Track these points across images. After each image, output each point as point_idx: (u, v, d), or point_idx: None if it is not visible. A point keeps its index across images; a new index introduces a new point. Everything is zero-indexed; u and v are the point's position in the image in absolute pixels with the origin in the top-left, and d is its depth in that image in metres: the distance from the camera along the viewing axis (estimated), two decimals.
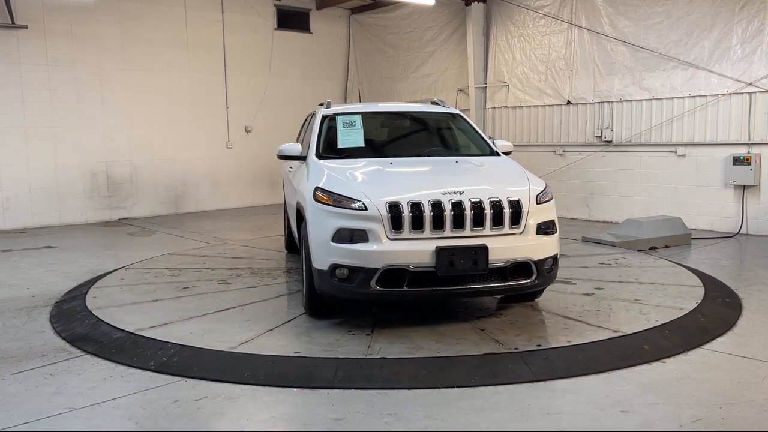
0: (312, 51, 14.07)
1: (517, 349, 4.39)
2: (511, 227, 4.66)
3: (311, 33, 14.02)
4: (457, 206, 4.56)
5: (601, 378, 3.97)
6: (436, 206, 4.54)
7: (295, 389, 3.86)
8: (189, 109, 12.35)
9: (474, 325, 4.95)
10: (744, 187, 8.87)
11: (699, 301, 5.42)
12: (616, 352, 4.34)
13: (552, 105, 11.12)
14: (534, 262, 4.69)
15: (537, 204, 4.81)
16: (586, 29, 10.43)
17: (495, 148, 6.01)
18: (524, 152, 10.95)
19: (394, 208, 4.51)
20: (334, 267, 4.58)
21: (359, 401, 3.67)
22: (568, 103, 10.84)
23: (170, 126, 12.15)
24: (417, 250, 4.47)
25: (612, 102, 10.26)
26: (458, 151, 6.16)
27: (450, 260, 4.45)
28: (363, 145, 5.81)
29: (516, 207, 4.68)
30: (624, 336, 4.58)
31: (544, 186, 5.05)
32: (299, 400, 3.73)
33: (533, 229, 4.75)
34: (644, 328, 4.75)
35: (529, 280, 4.74)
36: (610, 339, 4.54)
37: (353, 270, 4.53)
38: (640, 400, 3.63)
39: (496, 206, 4.63)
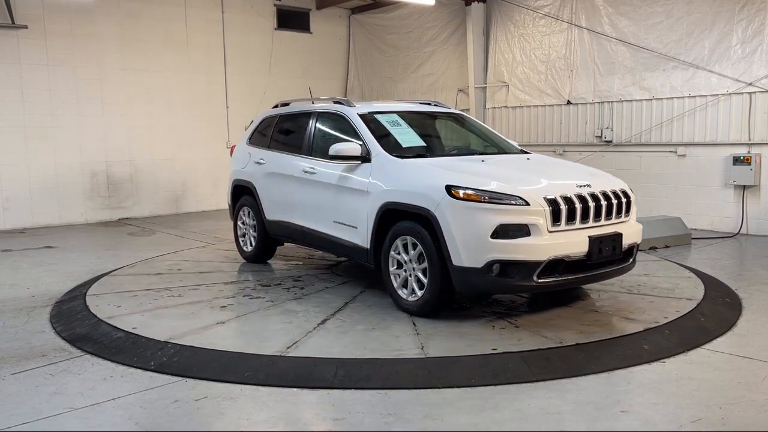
0: (312, 51, 14.06)
1: (658, 322, 4.84)
2: (626, 215, 5.18)
3: (311, 33, 14.01)
4: (596, 198, 4.91)
5: (601, 378, 3.97)
6: (582, 199, 4.82)
7: (295, 389, 3.85)
8: (189, 109, 12.35)
9: (581, 309, 5.26)
10: (744, 187, 8.88)
11: (699, 301, 5.42)
12: (616, 352, 4.34)
13: (552, 105, 11.12)
14: (637, 245, 5.30)
15: (632, 194, 5.31)
16: (586, 29, 10.43)
17: (520, 147, 6.44)
18: None
19: (553, 203, 4.68)
20: (492, 263, 4.61)
21: (359, 401, 3.67)
22: (568, 103, 10.84)
23: (170, 126, 12.15)
24: (576, 240, 4.74)
25: (612, 102, 10.26)
26: (499, 150, 6.28)
27: (599, 248, 4.81)
28: (423, 144, 5.87)
29: (628, 197, 5.19)
30: (623, 336, 4.59)
31: None
32: (299, 400, 3.73)
33: (634, 216, 5.33)
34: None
35: (630, 261, 5.27)
36: (610, 339, 4.55)
37: (514, 264, 4.61)
38: (640, 400, 3.64)
39: (618, 197, 5.08)
